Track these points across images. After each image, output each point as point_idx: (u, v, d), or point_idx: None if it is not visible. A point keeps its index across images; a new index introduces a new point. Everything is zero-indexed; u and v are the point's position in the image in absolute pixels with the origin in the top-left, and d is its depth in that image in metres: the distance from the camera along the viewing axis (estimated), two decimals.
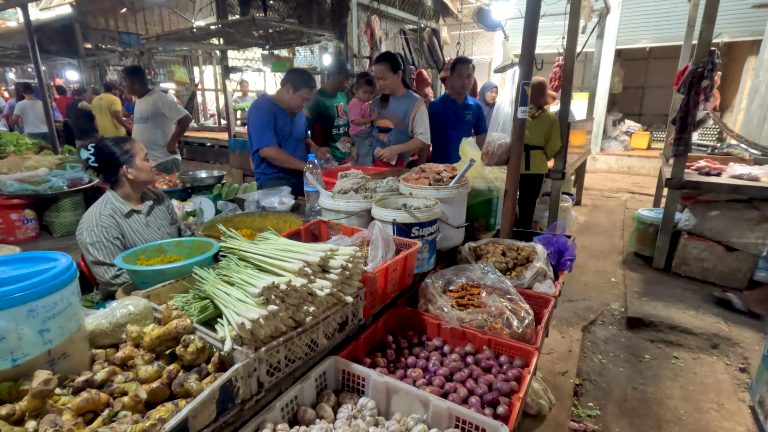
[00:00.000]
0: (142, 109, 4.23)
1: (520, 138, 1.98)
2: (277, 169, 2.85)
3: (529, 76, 1.90)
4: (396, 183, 2.07)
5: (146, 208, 2.02)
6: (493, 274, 1.76)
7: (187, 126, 4.38)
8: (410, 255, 1.58)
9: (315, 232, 1.89)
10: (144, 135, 4.23)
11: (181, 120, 4.34)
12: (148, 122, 4.25)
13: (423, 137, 2.99)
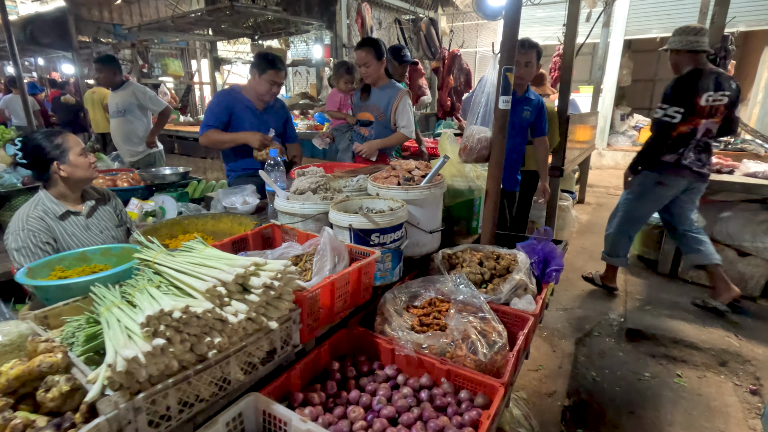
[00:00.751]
0: (117, 101, 4.05)
1: (502, 131, 1.74)
2: (247, 165, 2.64)
3: (512, 61, 1.66)
4: (367, 182, 1.85)
5: (87, 209, 1.83)
6: (466, 287, 1.54)
7: (167, 118, 4.19)
8: (366, 266, 1.37)
9: (268, 237, 1.69)
10: (122, 129, 4.06)
11: (162, 112, 4.16)
12: (125, 116, 4.07)
13: (405, 131, 2.76)
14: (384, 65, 2.73)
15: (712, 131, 2.87)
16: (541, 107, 2.86)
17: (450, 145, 2.04)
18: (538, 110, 2.85)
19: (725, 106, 2.79)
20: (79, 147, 1.72)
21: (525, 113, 2.78)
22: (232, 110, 2.55)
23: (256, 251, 1.50)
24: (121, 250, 1.47)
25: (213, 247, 1.23)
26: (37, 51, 8.59)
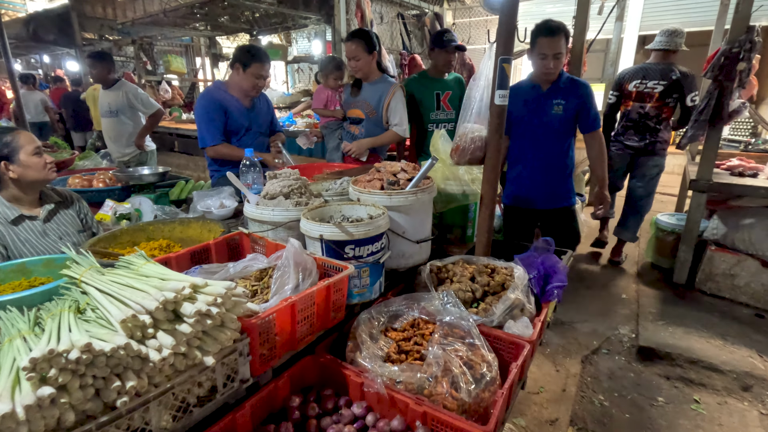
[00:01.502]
0: (109, 101, 3.91)
1: (498, 130, 1.55)
2: (231, 165, 2.48)
3: (508, 51, 1.47)
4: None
5: (45, 213, 1.68)
6: (455, 306, 1.36)
7: (157, 121, 4.05)
8: (337, 284, 1.19)
9: (235, 246, 1.52)
10: (112, 129, 3.93)
11: (153, 115, 4.02)
12: (117, 116, 3.94)
13: (398, 129, 2.58)
14: (375, 59, 2.54)
15: (650, 114, 3.40)
16: (584, 93, 2.26)
17: (443, 145, 1.85)
18: (580, 98, 2.25)
19: (660, 93, 3.34)
20: (33, 146, 1.57)
21: (556, 108, 2.27)
22: (225, 108, 2.40)
23: (219, 264, 1.33)
24: (65, 262, 1.31)
25: (155, 262, 1.07)
26: (41, 48, 8.57)
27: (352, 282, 1.34)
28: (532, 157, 2.38)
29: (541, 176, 2.38)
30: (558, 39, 2.10)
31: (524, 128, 2.36)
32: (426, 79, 3.05)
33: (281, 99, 6.49)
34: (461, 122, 1.61)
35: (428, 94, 2.98)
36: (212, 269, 1.28)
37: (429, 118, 3.01)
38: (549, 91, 2.29)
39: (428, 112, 3.01)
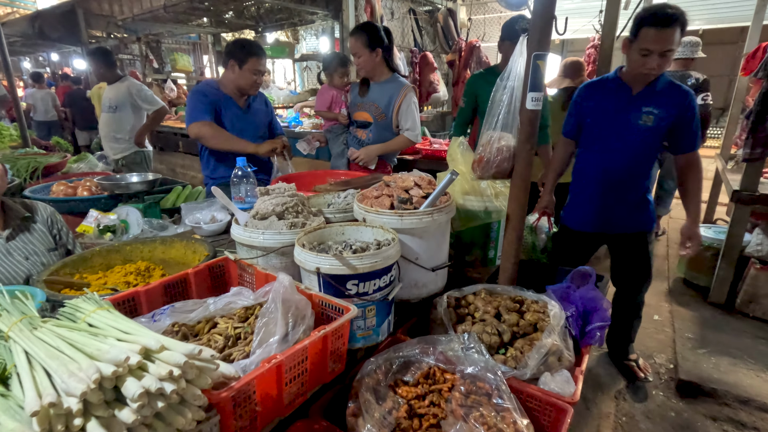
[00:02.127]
0: (111, 96, 3.76)
1: (530, 139, 1.32)
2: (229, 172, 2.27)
3: (544, 46, 1.23)
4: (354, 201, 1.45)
5: (8, 231, 1.48)
6: (478, 352, 1.13)
7: (161, 118, 3.88)
8: (336, 331, 0.97)
9: (221, 274, 1.30)
10: (109, 126, 3.76)
11: (157, 111, 3.84)
12: (116, 112, 3.77)
13: (410, 134, 2.34)
14: (379, 56, 2.30)
15: None
16: (686, 104, 1.80)
17: (462, 155, 1.62)
18: (680, 109, 1.79)
19: None
20: None
21: (645, 118, 1.81)
22: (217, 108, 2.20)
23: (196, 300, 1.12)
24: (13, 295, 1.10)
25: (109, 307, 0.86)
26: (48, 46, 8.49)
27: (355, 323, 1.12)
28: (605, 171, 1.94)
29: (616, 196, 1.96)
30: (671, 32, 1.65)
31: (600, 136, 1.93)
32: (495, 75, 2.57)
33: (288, 98, 6.29)
34: (485, 129, 1.38)
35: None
36: (187, 307, 1.07)
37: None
38: (640, 95, 1.83)
39: None
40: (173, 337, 1.02)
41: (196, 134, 2.16)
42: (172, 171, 6.46)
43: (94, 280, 1.33)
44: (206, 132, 2.14)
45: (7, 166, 2.38)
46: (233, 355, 0.95)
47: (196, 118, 2.14)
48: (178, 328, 1.04)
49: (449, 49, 5.30)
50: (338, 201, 1.60)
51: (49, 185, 2.32)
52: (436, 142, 3.86)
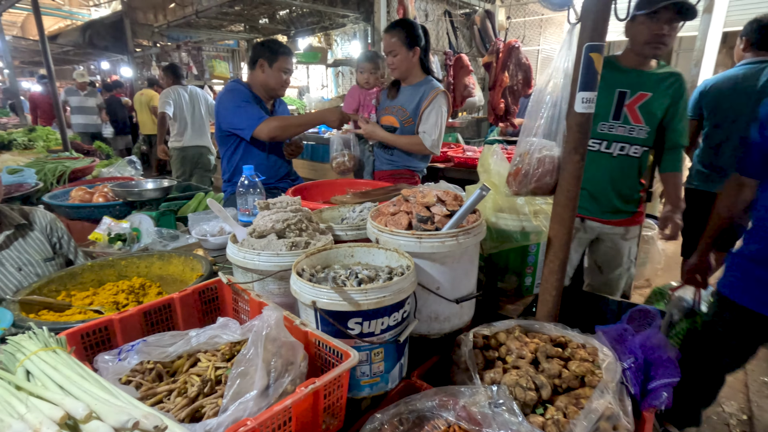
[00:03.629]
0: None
1: (578, 149, 1.09)
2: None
3: (599, 35, 1.01)
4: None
5: (1, 240, 1.40)
6: (510, 412, 0.91)
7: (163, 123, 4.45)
8: (330, 384, 0.79)
9: (213, 298, 1.15)
10: None
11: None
12: None
13: (425, 136, 2.14)
14: (417, 56, 2.13)
15: None
16: None
17: (496, 165, 1.40)
18: None
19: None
20: None
21: None
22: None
23: (176, 332, 0.97)
24: None
25: (56, 347, 0.72)
26: (97, 54, 8.92)
27: (359, 369, 0.93)
28: None
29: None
30: None
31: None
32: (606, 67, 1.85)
33: (320, 104, 6.23)
34: (523, 136, 1.16)
35: (605, 90, 1.84)
36: (164, 341, 0.92)
37: (595, 129, 1.91)
38: None
39: (596, 120, 1.87)
40: (143, 378, 0.87)
41: (269, 134, 2.05)
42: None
43: (81, 299, 1.22)
44: (275, 127, 2.05)
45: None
46: (205, 407, 0.79)
47: (259, 118, 2.04)
48: (152, 365, 0.90)
49: (486, 52, 5.05)
50: (353, 216, 1.42)
51: (69, 190, 2.29)
52: (470, 150, 3.63)
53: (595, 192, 2.00)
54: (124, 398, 0.64)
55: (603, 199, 2.00)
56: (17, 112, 7.32)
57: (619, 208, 2.00)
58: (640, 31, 1.76)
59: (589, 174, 1.95)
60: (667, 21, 1.70)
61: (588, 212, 2.04)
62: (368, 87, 2.72)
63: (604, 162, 1.95)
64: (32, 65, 11.89)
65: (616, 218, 2.04)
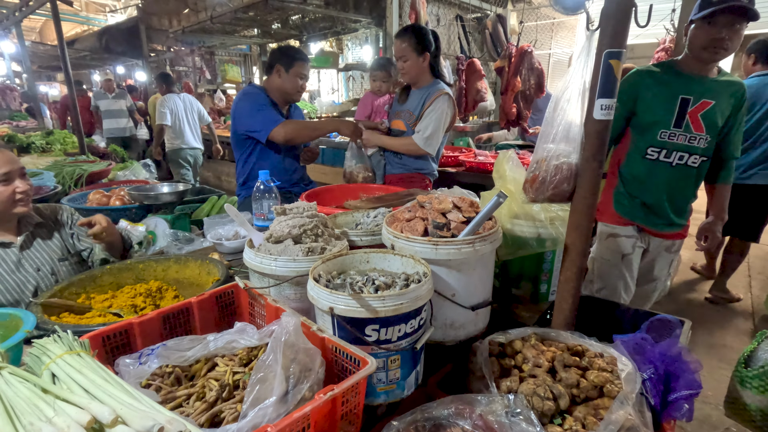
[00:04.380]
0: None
1: (597, 155, 1.08)
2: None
3: (619, 41, 1.00)
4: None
5: (21, 239, 1.43)
6: (528, 421, 0.90)
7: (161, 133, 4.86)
8: (348, 392, 0.79)
9: (230, 303, 1.16)
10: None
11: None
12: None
13: (418, 137, 2.15)
14: (427, 60, 2.14)
15: None
16: None
17: (511, 171, 1.40)
18: None
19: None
20: (1, 171, 1.32)
21: None
22: None
23: (195, 337, 0.98)
24: (9, 319, 1.01)
25: (80, 350, 0.73)
26: (113, 59, 9.09)
27: (375, 376, 0.93)
28: None
29: None
30: None
31: None
32: (667, 73, 1.82)
33: (331, 108, 6.27)
34: (541, 142, 1.16)
35: (663, 97, 1.79)
36: (182, 345, 0.93)
37: (655, 137, 1.82)
38: None
39: (656, 128, 1.82)
40: (164, 381, 0.88)
41: (284, 137, 2.08)
42: (217, 179, 6.61)
43: (100, 301, 1.23)
44: (291, 130, 2.08)
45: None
46: (224, 412, 0.79)
47: (274, 121, 2.07)
48: (171, 369, 0.91)
49: (498, 56, 5.04)
50: (367, 221, 1.43)
51: (87, 193, 2.33)
52: (482, 154, 3.62)
53: (652, 202, 1.94)
54: (147, 402, 0.65)
55: (659, 210, 1.93)
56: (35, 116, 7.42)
57: (672, 220, 1.94)
58: (698, 35, 1.71)
59: (647, 184, 1.91)
60: (726, 25, 1.62)
61: (644, 222, 1.98)
62: (381, 94, 2.74)
63: (662, 171, 1.88)
64: (49, 69, 12.16)
65: (669, 230, 1.97)
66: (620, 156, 2.02)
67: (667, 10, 3.52)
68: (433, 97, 2.15)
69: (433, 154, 2.25)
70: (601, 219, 2.08)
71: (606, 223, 2.06)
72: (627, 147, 1.97)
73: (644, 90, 1.85)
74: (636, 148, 1.92)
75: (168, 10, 8.58)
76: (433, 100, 2.15)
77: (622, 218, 2.00)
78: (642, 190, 1.94)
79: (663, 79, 1.83)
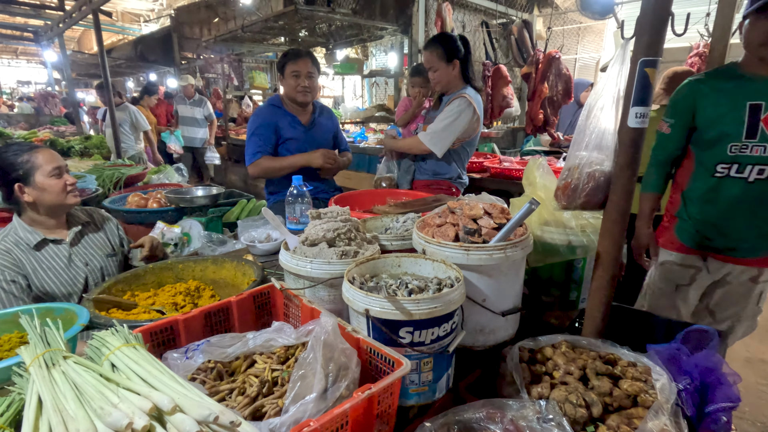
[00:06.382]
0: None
1: (630, 164, 1.08)
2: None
3: (655, 50, 1.00)
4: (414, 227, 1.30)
5: (71, 236, 1.52)
6: (560, 428, 0.91)
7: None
8: (384, 391, 0.81)
9: (266, 303, 1.20)
10: None
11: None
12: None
13: (424, 136, 2.17)
14: (457, 68, 2.16)
15: None
16: None
17: (542, 178, 1.40)
18: None
19: None
20: (52, 165, 1.42)
21: None
22: (277, 129, 2.20)
23: (234, 334, 1.02)
24: (64, 313, 1.08)
25: (136, 344, 0.77)
26: (146, 67, 9.46)
27: (408, 378, 0.96)
28: None
29: None
30: None
31: None
32: (727, 78, 1.67)
33: (355, 114, 6.35)
34: (573, 150, 1.16)
35: (726, 106, 1.63)
36: (224, 342, 0.97)
37: (725, 152, 1.65)
38: None
39: (724, 141, 1.65)
40: (207, 375, 0.93)
41: (256, 175, 2.23)
42: (243, 183, 6.78)
43: (144, 299, 1.30)
44: (261, 170, 2.20)
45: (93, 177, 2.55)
46: (265, 407, 0.83)
47: (254, 154, 2.19)
48: (213, 364, 0.95)
49: (523, 62, 5.01)
50: (396, 226, 1.45)
51: (126, 196, 2.45)
52: (507, 160, 3.60)
53: (724, 225, 1.72)
54: (196, 394, 0.69)
55: (734, 233, 1.72)
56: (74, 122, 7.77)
57: (755, 244, 1.72)
58: (753, 31, 1.55)
59: (718, 204, 1.70)
60: None
61: (714, 249, 1.77)
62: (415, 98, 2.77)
63: (736, 189, 1.66)
64: (87, 77, 12.73)
65: (751, 256, 1.74)
66: (683, 178, 1.83)
67: (701, 14, 3.44)
68: (451, 100, 2.17)
69: (437, 152, 2.22)
70: (662, 245, 1.92)
71: (664, 248, 1.90)
72: (691, 167, 1.79)
73: (702, 101, 1.67)
74: (701, 166, 1.73)
75: (199, 19, 8.89)
76: (451, 102, 2.17)
77: (684, 245, 1.83)
78: (712, 213, 1.74)
79: (722, 87, 1.65)
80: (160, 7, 14.31)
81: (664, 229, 1.93)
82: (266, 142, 2.18)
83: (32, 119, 7.46)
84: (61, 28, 5.31)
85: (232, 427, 0.61)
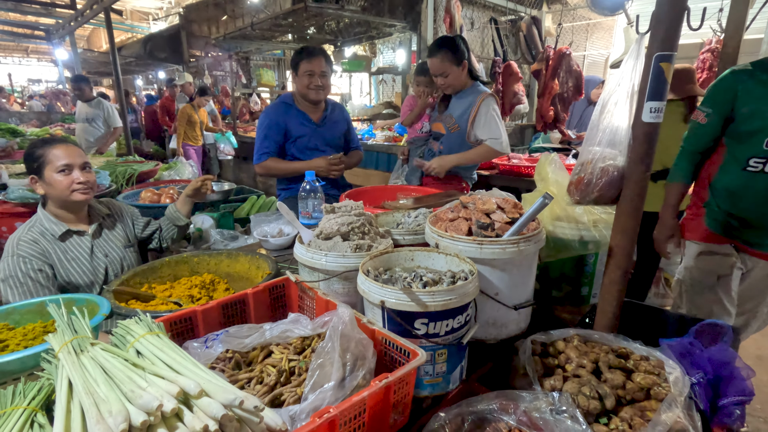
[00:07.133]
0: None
1: (644, 159, 1.08)
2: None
3: (670, 44, 1.00)
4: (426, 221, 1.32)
5: (93, 228, 1.55)
6: (573, 419, 0.92)
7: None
8: (399, 381, 0.83)
9: (281, 295, 1.22)
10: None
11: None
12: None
13: (494, 143, 2.12)
14: (466, 68, 2.15)
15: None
16: None
17: (554, 173, 1.41)
18: None
19: None
20: (61, 162, 1.43)
21: None
22: (286, 128, 2.21)
23: (252, 325, 1.04)
24: (86, 303, 1.11)
25: (159, 332, 0.79)
26: (156, 65, 9.54)
27: (422, 369, 0.97)
28: None
29: None
30: None
31: None
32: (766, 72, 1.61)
33: (362, 111, 6.36)
34: (586, 145, 1.16)
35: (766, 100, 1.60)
36: (242, 333, 0.99)
37: (761, 146, 1.60)
38: None
39: (761, 135, 1.60)
40: (225, 365, 0.95)
41: (260, 172, 2.28)
42: (253, 179, 6.82)
43: (161, 291, 1.33)
44: (267, 168, 2.24)
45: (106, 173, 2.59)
46: (284, 395, 0.85)
47: (261, 154, 2.23)
48: (231, 354, 0.97)
49: (532, 59, 4.99)
50: (408, 221, 1.47)
51: (139, 191, 2.48)
52: (515, 157, 3.60)
53: (758, 220, 1.71)
54: (220, 380, 0.71)
55: (763, 227, 1.71)
56: None
57: None
58: None
59: (747, 199, 1.67)
60: None
61: (747, 243, 1.76)
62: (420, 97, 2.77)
63: (766, 184, 1.64)
64: (97, 75, 12.86)
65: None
66: (711, 170, 1.80)
67: (714, 9, 3.41)
68: (479, 102, 2.16)
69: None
70: (691, 237, 1.87)
71: (697, 240, 1.85)
72: (721, 159, 1.76)
73: (744, 92, 1.61)
74: (733, 159, 1.70)
75: (208, 17, 8.93)
76: (480, 104, 2.15)
77: (718, 235, 1.79)
78: (741, 206, 1.72)
79: (759, 80, 1.59)
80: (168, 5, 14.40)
81: (689, 222, 1.89)
82: (273, 143, 2.21)
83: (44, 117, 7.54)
84: (73, 27, 5.38)
85: (256, 411, 0.63)
